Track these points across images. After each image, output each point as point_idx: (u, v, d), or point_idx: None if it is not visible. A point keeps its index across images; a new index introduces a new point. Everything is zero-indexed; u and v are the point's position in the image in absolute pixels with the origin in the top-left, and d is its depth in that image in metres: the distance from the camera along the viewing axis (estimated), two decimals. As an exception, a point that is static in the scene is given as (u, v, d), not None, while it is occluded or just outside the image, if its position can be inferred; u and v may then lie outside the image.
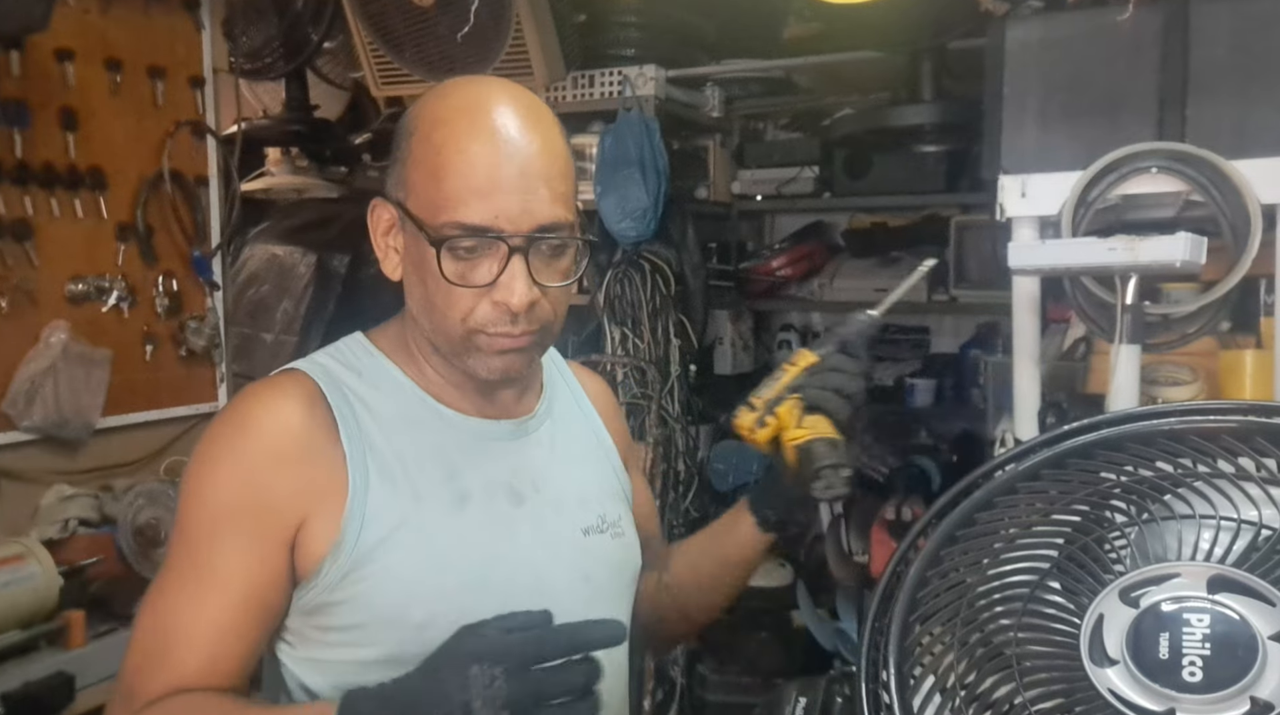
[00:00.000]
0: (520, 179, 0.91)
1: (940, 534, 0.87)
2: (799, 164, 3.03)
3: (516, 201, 0.91)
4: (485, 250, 0.92)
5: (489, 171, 0.91)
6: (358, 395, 0.99)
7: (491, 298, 0.93)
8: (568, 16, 2.61)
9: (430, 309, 0.96)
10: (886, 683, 0.83)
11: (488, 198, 0.90)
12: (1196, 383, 1.31)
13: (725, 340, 3.14)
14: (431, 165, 0.92)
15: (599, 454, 1.16)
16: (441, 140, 0.92)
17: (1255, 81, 1.27)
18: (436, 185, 0.92)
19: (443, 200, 0.91)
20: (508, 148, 0.92)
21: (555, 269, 0.96)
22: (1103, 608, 0.76)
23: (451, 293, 0.93)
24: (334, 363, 1.02)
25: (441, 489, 0.98)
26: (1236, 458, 0.78)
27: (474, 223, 0.91)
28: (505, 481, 1.02)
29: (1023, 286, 1.37)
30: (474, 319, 0.94)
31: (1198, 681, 0.72)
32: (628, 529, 1.13)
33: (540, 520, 1.03)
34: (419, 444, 0.99)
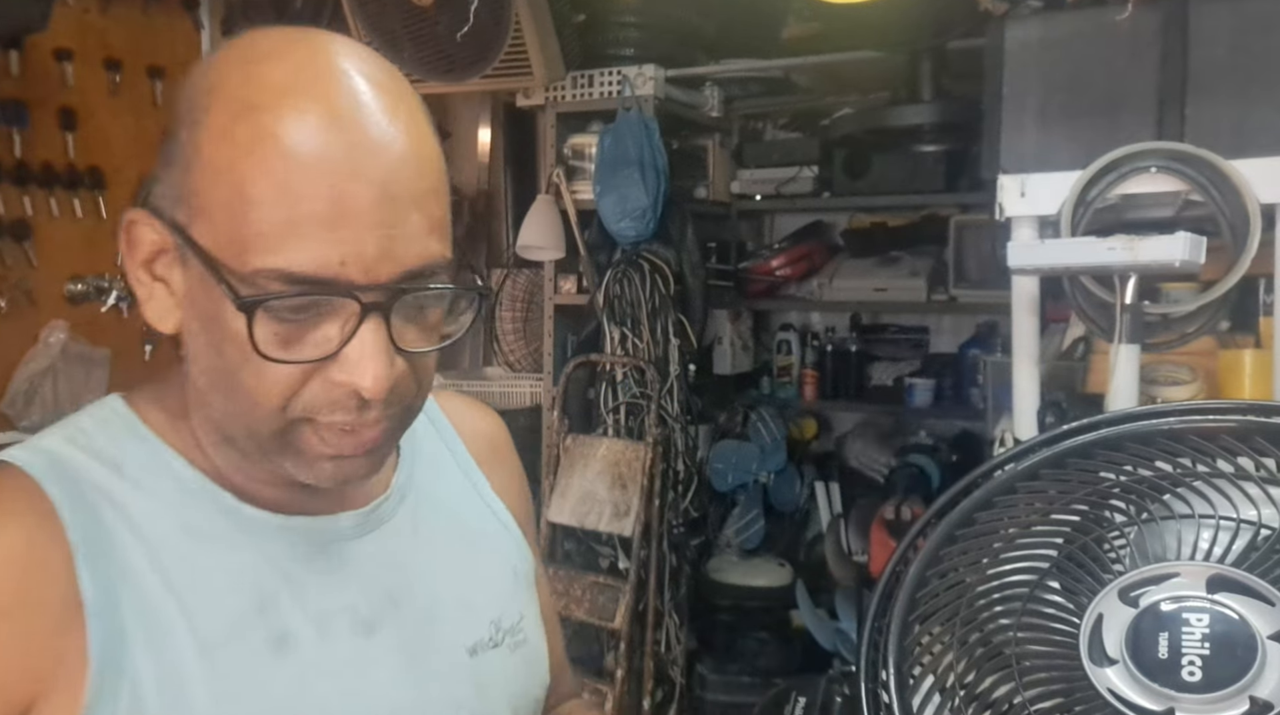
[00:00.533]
0: (382, 203, 0.60)
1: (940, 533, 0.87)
2: (798, 164, 3.03)
3: (374, 239, 0.60)
4: (322, 308, 0.61)
5: (334, 191, 0.58)
6: (113, 501, 0.65)
7: (329, 376, 0.62)
8: (567, 16, 2.61)
9: (229, 388, 0.63)
10: (886, 682, 0.83)
11: (331, 232, 0.58)
12: (1196, 382, 1.31)
13: (724, 340, 3.14)
14: (236, 178, 0.59)
15: (488, 528, 0.85)
16: (253, 137, 0.59)
17: (1254, 81, 1.27)
18: (245, 211, 0.59)
19: (255, 236, 0.58)
20: (362, 152, 0.60)
21: (423, 326, 0.65)
22: (1102, 607, 0.76)
23: (265, 371, 0.61)
24: (76, 452, 0.66)
25: (248, 630, 0.66)
26: (1236, 457, 0.78)
27: (308, 272, 0.58)
28: (348, 603, 0.71)
29: (1022, 286, 1.37)
30: (298, 405, 0.62)
31: (1197, 681, 0.72)
32: (532, 632, 0.83)
33: (405, 648, 0.73)
34: (209, 567, 0.66)
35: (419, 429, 0.83)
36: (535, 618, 0.85)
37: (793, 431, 3.19)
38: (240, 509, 0.69)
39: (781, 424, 3.05)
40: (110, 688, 0.61)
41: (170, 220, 0.63)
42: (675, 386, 2.69)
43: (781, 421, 3.06)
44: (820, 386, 3.20)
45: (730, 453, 2.97)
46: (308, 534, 0.71)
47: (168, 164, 0.64)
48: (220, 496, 0.69)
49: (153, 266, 0.66)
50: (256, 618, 0.67)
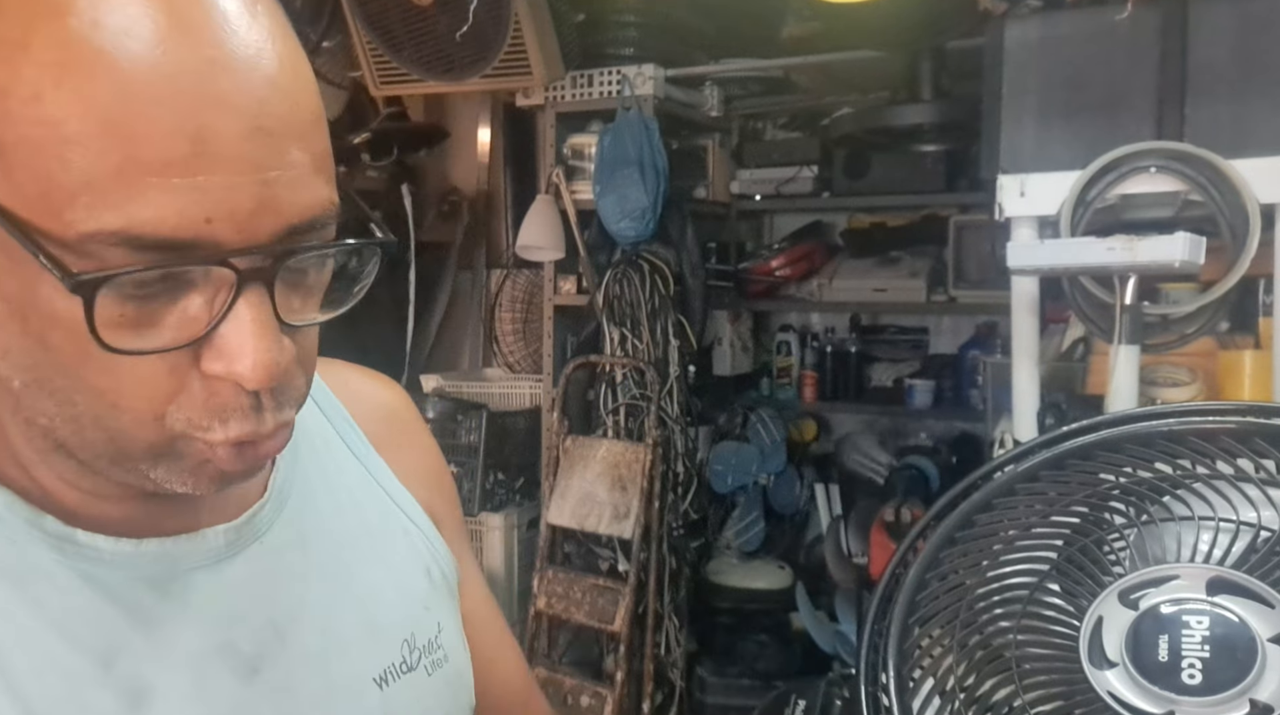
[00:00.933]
0: (254, 137, 0.45)
1: (939, 536, 0.86)
2: (798, 164, 3.03)
3: (249, 185, 0.45)
4: (181, 278, 0.46)
5: (189, 124, 0.43)
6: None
7: (203, 367, 0.47)
8: (566, 16, 2.61)
9: (69, 392, 0.47)
10: (886, 685, 0.83)
11: (189, 179, 0.43)
12: (1195, 383, 1.31)
13: (724, 341, 3.14)
14: (44, 111, 0.42)
15: (392, 525, 0.70)
16: (61, 52, 0.43)
17: (1254, 81, 1.27)
18: (62, 155, 0.42)
19: (81, 187, 0.42)
20: (221, 69, 0.45)
21: (306, 293, 0.51)
22: (1102, 610, 0.76)
23: (118, 368, 0.46)
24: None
25: (90, 691, 0.51)
26: (1235, 459, 0.78)
27: (162, 234, 0.43)
28: (224, 641, 0.57)
29: (1021, 287, 1.37)
30: (180, 417, 0.48)
31: (1197, 684, 0.72)
32: (453, 646, 0.70)
33: (297, 689, 0.59)
34: (34, 617, 0.51)
35: (302, 413, 0.60)
36: (455, 628, 0.71)
37: (792, 433, 3.18)
38: (72, 536, 0.52)
39: (781, 425, 3.05)
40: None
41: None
42: (675, 388, 2.68)
43: (781, 423, 3.06)
44: (820, 388, 3.20)
45: (730, 454, 2.97)
46: (164, 559, 0.55)
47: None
48: (44, 522, 0.52)
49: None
50: (102, 675, 0.51)
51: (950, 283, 2.88)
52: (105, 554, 0.53)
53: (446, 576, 0.72)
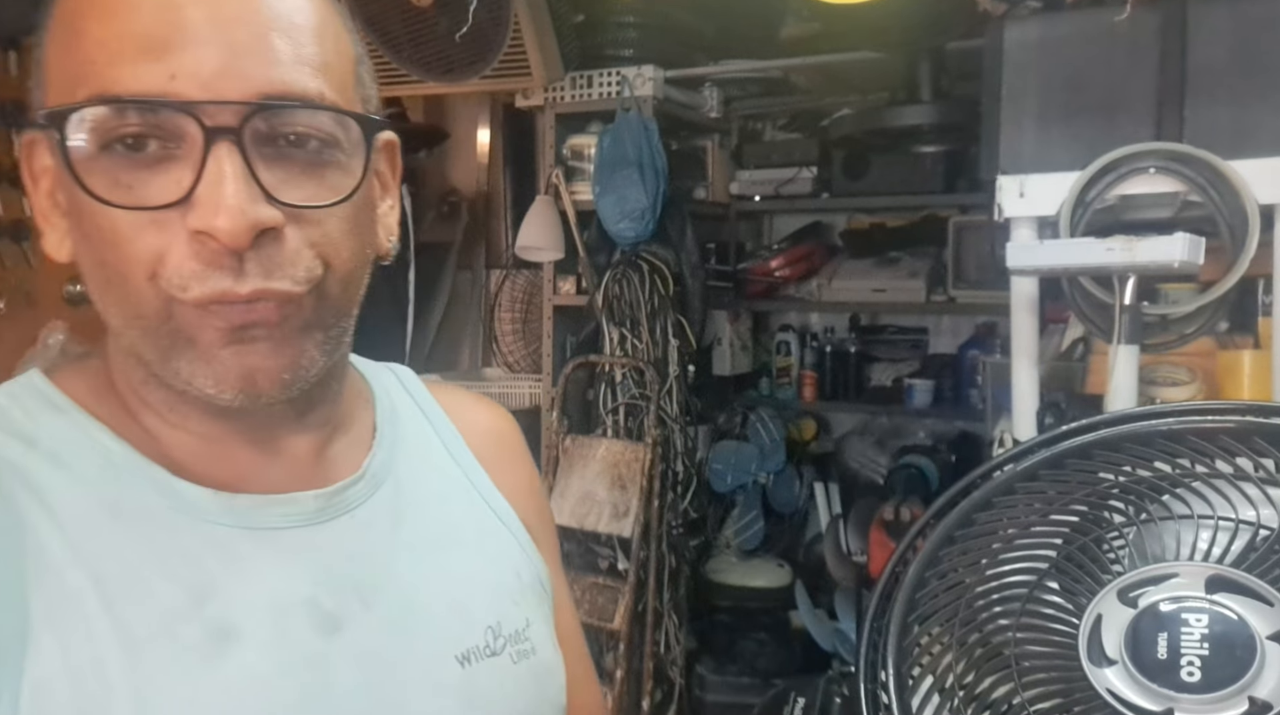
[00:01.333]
0: (225, 20, 0.52)
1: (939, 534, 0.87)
2: (797, 164, 3.03)
3: (214, 53, 0.52)
4: (167, 149, 0.52)
5: (160, 8, 0.52)
6: (25, 478, 0.56)
7: (188, 225, 0.52)
8: (566, 17, 2.61)
9: (105, 282, 0.56)
10: (885, 683, 0.83)
11: (160, 49, 0.51)
12: (1195, 383, 1.31)
13: (724, 341, 3.15)
14: (68, 19, 0.54)
15: (487, 526, 0.73)
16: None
17: (1253, 82, 1.27)
18: (74, 46, 0.53)
19: (80, 64, 0.52)
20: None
21: (316, 183, 0.56)
22: (1101, 608, 0.76)
23: (117, 229, 0.53)
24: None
25: (181, 624, 0.56)
26: (1234, 458, 0.78)
27: (132, 90, 0.51)
28: (307, 596, 0.60)
29: (1021, 287, 1.37)
30: (167, 275, 0.53)
31: (1196, 681, 0.72)
32: (542, 643, 0.71)
33: (376, 654, 0.62)
34: (138, 552, 0.56)
35: (402, 412, 0.73)
36: (545, 628, 0.72)
37: (792, 432, 3.19)
38: (174, 485, 0.58)
39: (780, 425, 3.05)
40: (6, 691, 0.51)
41: (38, 121, 0.55)
42: (674, 387, 2.69)
43: (780, 422, 3.06)
44: (819, 387, 3.20)
45: (729, 453, 2.97)
46: (258, 514, 0.60)
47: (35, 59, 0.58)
48: (152, 471, 0.58)
49: (52, 194, 0.59)
50: (193, 610, 0.56)
51: (950, 283, 2.88)
52: (205, 503, 0.59)
53: (535, 582, 0.74)
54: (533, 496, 0.79)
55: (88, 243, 0.55)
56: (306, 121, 0.55)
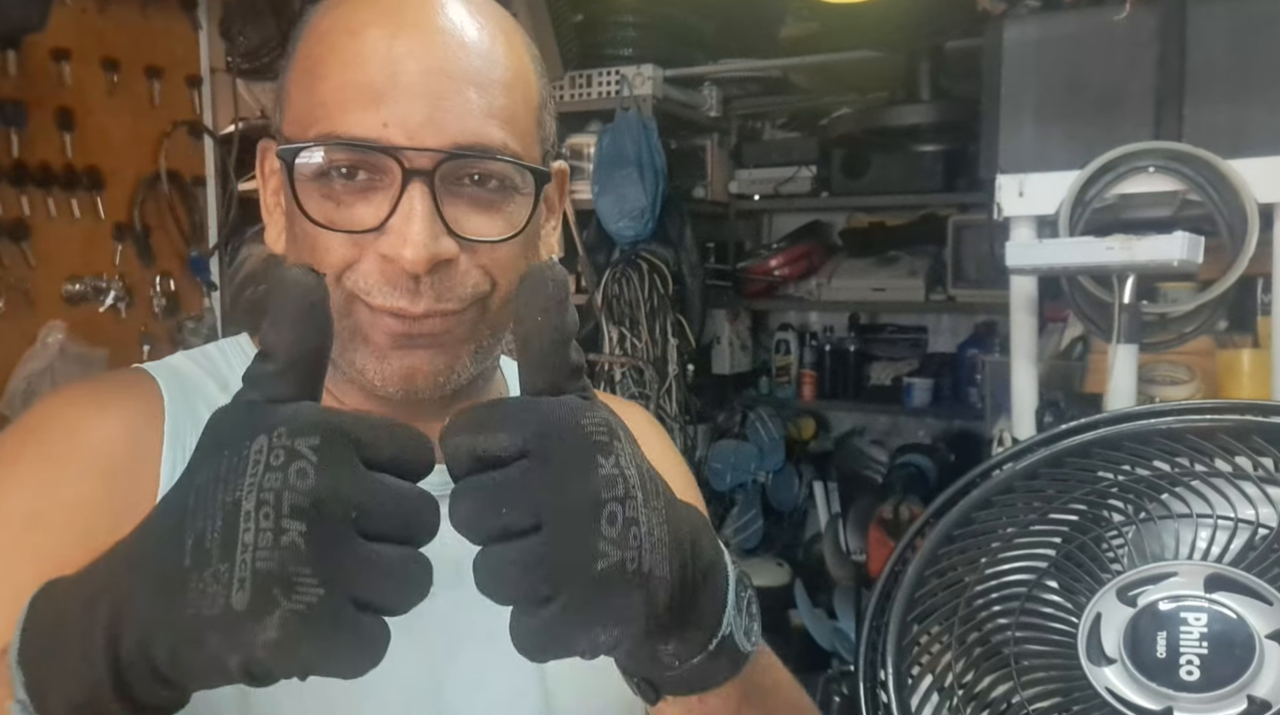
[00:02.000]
0: (432, 75, 0.62)
1: (938, 533, 0.87)
2: (796, 163, 3.03)
3: (421, 107, 0.62)
4: (373, 179, 0.63)
5: (383, 63, 0.62)
6: (201, 413, 0.68)
7: (378, 249, 0.63)
8: (565, 16, 2.61)
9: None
10: (884, 682, 0.83)
11: (378, 100, 0.62)
12: (1194, 382, 1.31)
13: (723, 340, 3.15)
14: (310, 62, 0.65)
15: None
16: (328, 26, 0.65)
17: (1252, 81, 1.27)
18: (311, 88, 0.64)
19: (315, 107, 0.63)
20: (420, 34, 0.63)
21: (491, 217, 0.65)
22: (1100, 607, 0.76)
23: (319, 240, 0.64)
24: (193, 367, 0.72)
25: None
26: (1233, 457, 0.78)
27: (353, 134, 0.62)
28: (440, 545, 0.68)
29: (1020, 286, 1.38)
30: (352, 277, 0.64)
31: (1195, 680, 0.72)
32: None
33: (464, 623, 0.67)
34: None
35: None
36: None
37: (791, 431, 3.19)
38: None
39: (780, 424, 3.05)
40: None
41: (274, 132, 0.68)
42: (673, 386, 2.69)
43: (780, 421, 3.06)
44: (818, 386, 3.20)
45: (729, 452, 2.97)
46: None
47: (280, 80, 0.69)
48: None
49: (279, 193, 0.70)
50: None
51: (949, 282, 2.88)
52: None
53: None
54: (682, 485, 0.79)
55: (295, 243, 0.67)
56: (488, 168, 0.64)
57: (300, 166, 0.63)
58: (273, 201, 0.72)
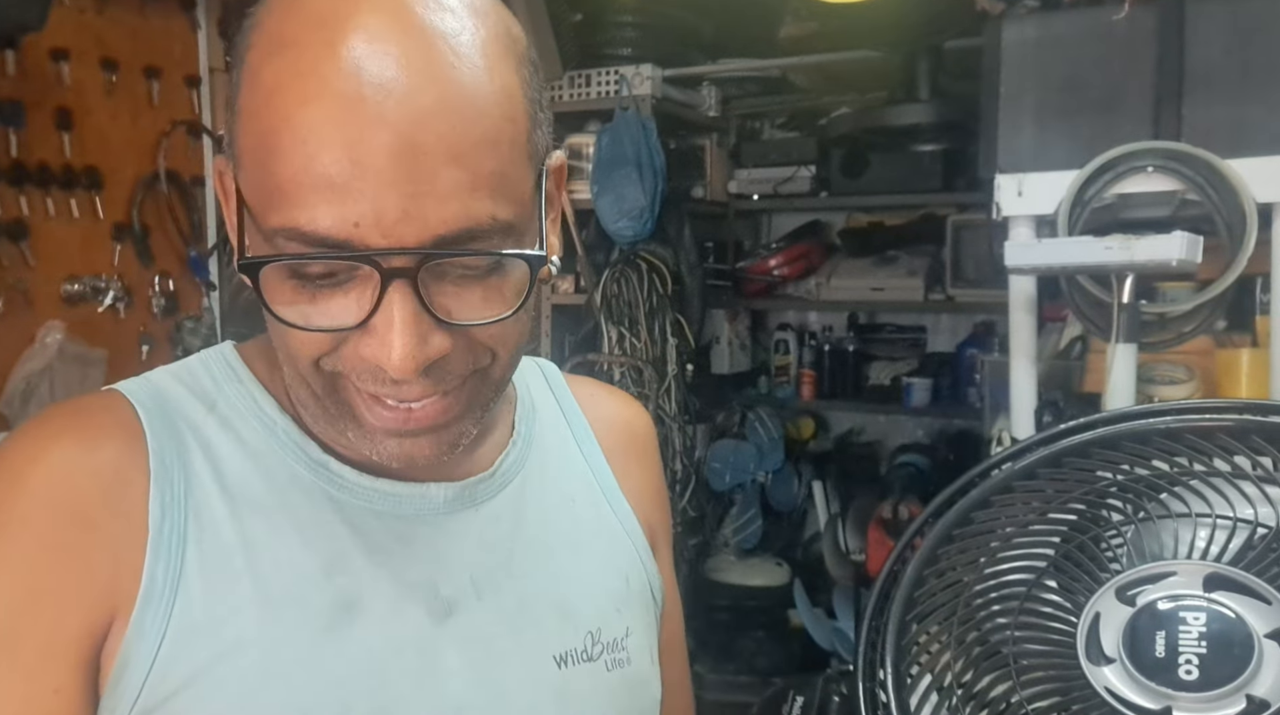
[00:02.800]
0: (404, 156, 0.52)
1: (937, 533, 0.87)
2: (796, 163, 3.03)
3: (395, 199, 0.52)
4: (350, 273, 0.55)
5: (346, 147, 0.52)
6: (201, 437, 0.63)
7: (359, 349, 0.56)
8: (564, 16, 2.61)
9: (276, 339, 0.61)
10: (883, 681, 0.83)
11: (344, 195, 0.52)
12: (1193, 381, 1.31)
13: (722, 339, 3.15)
14: (262, 125, 0.54)
15: (606, 528, 0.75)
16: (276, 80, 0.53)
17: (1251, 81, 1.27)
18: (268, 162, 0.54)
19: (275, 190, 0.53)
20: (387, 95, 0.52)
21: (485, 292, 0.57)
22: (1099, 606, 0.76)
23: (293, 334, 0.57)
24: (176, 385, 0.66)
25: (312, 591, 0.61)
26: (1232, 456, 0.78)
27: (320, 232, 0.53)
28: (426, 579, 0.65)
29: (1019, 285, 1.38)
30: (332, 361, 0.58)
31: (1194, 679, 0.72)
32: (639, 655, 0.73)
33: (482, 643, 0.66)
34: (284, 519, 0.62)
35: (541, 410, 0.77)
36: (646, 638, 0.74)
37: (790, 431, 3.19)
38: (327, 463, 0.65)
39: (779, 423, 3.05)
40: (155, 631, 0.58)
41: (231, 166, 0.58)
42: (673, 386, 2.69)
43: (779, 421, 3.06)
44: (818, 386, 3.20)
45: (728, 452, 2.97)
46: (393, 499, 0.65)
47: (227, 106, 0.59)
48: (308, 447, 0.65)
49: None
50: (324, 580, 0.62)
51: (948, 282, 2.88)
52: (347, 483, 0.65)
53: (651, 590, 0.77)
54: (657, 499, 0.81)
55: (269, 323, 0.60)
56: (476, 260, 0.56)
57: (266, 273, 0.56)
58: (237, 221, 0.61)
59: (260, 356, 0.68)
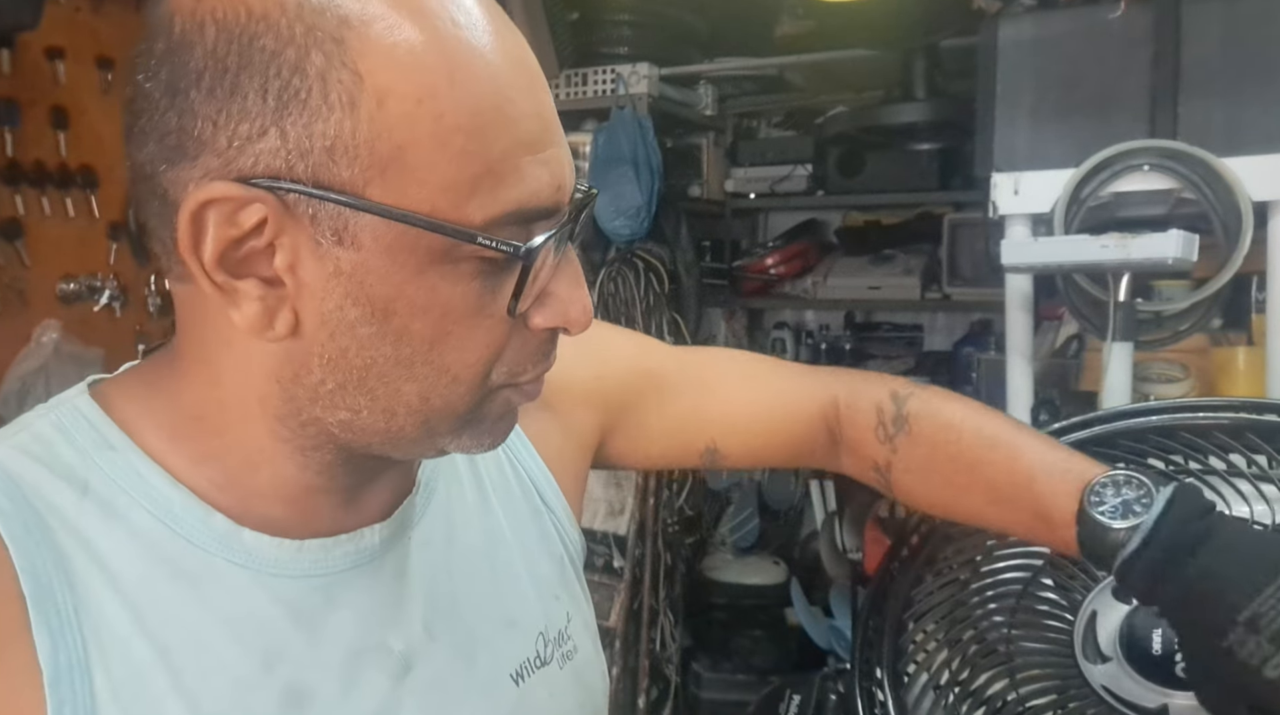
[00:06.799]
0: (555, 117, 0.52)
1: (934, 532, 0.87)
2: (792, 162, 3.03)
3: (565, 155, 0.52)
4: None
5: (537, 107, 0.50)
6: (77, 533, 0.51)
7: (535, 322, 0.53)
8: (561, 14, 2.61)
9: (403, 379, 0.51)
10: (880, 680, 0.83)
11: (544, 152, 0.50)
12: (1188, 380, 1.32)
13: (719, 338, 3.15)
14: (437, 109, 0.46)
15: (532, 507, 0.71)
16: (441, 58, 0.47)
17: (1246, 79, 1.27)
18: (465, 147, 0.47)
19: (484, 174, 0.47)
20: (531, 61, 0.51)
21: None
22: (1096, 605, 0.76)
23: (473, 338, 0.51)
24: (32, 467, 0.52)
25: (253, 694, 0.53)
26: (1228, 454, 0.78)
27: (539, 203, 0.49)
28: (377, 641, 0.58)
29: (1016, 284, 1.38)
30: (501, 371, 0.53)
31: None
32: (582, 635, 0.70)
33: (441, 687, 0.60)
34: (202, 616, 0.52)
35: None
36: (584, 615, 0.71)
37: (787, 429, 3.18)
38: (238, 535, 0.54)
39: (776, 422, 3.05)
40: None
41: (310, 183, 0.46)
42: (670, 385, 2.68)
43: (776, 419, 3.06)
44: (814, 384, 3.20)
45: (725, 451, 2.96)
46: (324, 560, 0.56)
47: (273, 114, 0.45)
48: (212, 519, 0.53)
49: (232, 258, 0.48)
50: (264, 677, 0.53)
51: (944, 280, 2.88)
52: (271, 554, 0.55)
53: (576, 550, 0.73)
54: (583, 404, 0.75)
55: (396, 343, 0.50)
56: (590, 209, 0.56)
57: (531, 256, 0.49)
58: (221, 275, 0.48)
59: (133, 405, 0.55)
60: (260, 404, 0.53)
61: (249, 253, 0.48)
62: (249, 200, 0.46)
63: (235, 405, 0.53)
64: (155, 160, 0.49)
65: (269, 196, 0.46)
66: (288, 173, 0.46)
